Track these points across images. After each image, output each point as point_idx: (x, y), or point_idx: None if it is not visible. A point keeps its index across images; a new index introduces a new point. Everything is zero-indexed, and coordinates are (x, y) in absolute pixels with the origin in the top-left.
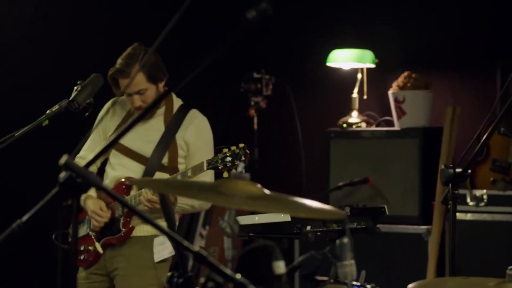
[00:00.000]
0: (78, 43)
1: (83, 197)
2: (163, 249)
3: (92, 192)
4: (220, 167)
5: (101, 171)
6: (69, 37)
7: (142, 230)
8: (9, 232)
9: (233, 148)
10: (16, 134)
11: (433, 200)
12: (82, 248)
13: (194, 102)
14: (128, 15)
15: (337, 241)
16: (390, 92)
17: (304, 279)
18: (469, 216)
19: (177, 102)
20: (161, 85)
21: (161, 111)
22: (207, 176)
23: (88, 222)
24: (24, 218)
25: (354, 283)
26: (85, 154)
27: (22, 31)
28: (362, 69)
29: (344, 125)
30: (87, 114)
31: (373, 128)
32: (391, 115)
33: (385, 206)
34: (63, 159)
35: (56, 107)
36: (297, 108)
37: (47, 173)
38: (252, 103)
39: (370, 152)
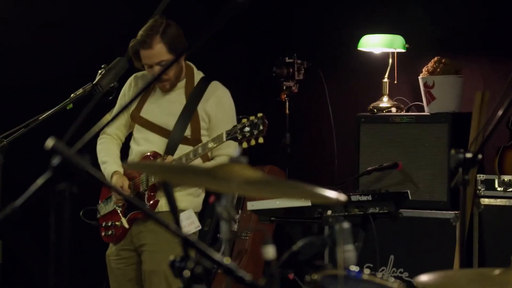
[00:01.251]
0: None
1: (110, 172)
2: (189, 223)
3: (119, 167)
4: (239, 137)
5: (127, 147)
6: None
7: (166, 204)
8: (3, 216)
9: (252, 118)
10: (40, 117)
11: None
12: (109, 224)
13: (227, 86)
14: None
15: (337, 226)
16: (419, 77)
17: (303, 265)
18: (497, 202)
19: (198, 75)
20: (182, 57)
21: (181, 83)
22: (230, 148)
23: (113, 200)
24: (18, 202)
25: (353, 268)
26: (110, 129)
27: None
28: (393, 54)
29: (374, 110)
30: (110, 98)
31: (403, 113)
32: (421, 100)
33: (408, 191)
34: (50, 142)
35: (80, 91)
36: (328, 93)
37: None
38: (284, 87)
39: (400, 137)
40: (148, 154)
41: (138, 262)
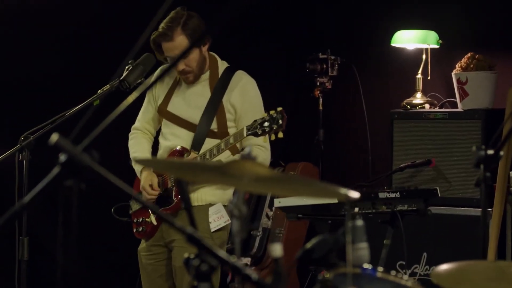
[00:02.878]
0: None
1: (139, 169)
2: (219, 218)
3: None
4: (259, 132)
5: (157, 142)
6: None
7: (196, 199)
8: (12, 213)
9: (272, 112)
10: (66, 114)
11: (495, 183)
12: (140, 220)
13: (257, 83)
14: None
15: (350, 224)
16: (453, 73)
17: (316, 263)
18: None
19: (222, 65)
20: (205, 48)
21: (206, 76)
22: (259, 139)
23: None
24: (27, 198)
25: (367, 266)
26: (140, 124)
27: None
28: (426, 50)
29: (408, 107)
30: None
31: (436, 109)
32: (455, 97)
33: (437, 188)
34: (54, 137)
35: (107, 87)
36: (362, 89)
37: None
38: (318, 83)
39: (433, 134)
40: (177, 149)
41: (169, 258)
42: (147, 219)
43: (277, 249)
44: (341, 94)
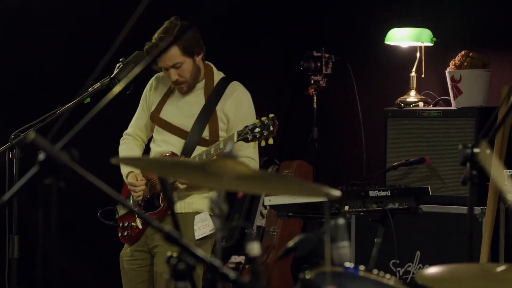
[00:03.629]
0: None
1: (125, 172)
2: (204, 226)
3: (135, 168)
4: (249, 138)
5: (148, 149)
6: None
7: (182, 206)
8: None
9: (263, 118)
10: (57, 112)
11: (488, 181)
12: (126, 224)
13: (253, 81)
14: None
15: (332, 222)
16: (446, 71)
17: (299, 261)
18: None
19: (218, 75)
20: (198, 58)
21: (201, 84)
22: (249, 150)
23: (132, 198)
24: (6, 197)
25: (348, 265)
26: (132, 130)
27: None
28: (420, 48)
29: (402, 105)
30: (128, 92)
31: (430, 107)
32: (449, 95)
33: (429, 187)
34: (31, 136)
35: (97, 85)
36: (356, 87)
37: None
38: (312, 82)
39: (427, 132)
40: (167, 154)
41: (151, 264)
42: (132, 223)
43: (254, 248)
44: (336, 92)
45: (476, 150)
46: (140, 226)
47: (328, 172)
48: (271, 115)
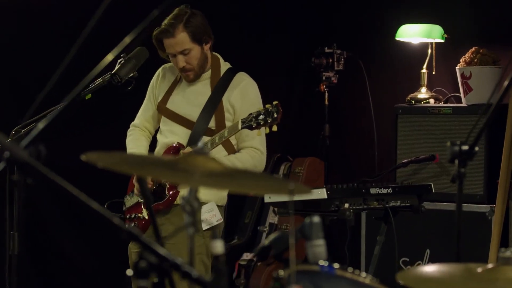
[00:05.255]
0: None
1: None
2: (211, 216)
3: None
4: (254, 126)
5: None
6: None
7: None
8: None
9: (268, 106)
10: (58, 108)
11: (498, 179)
12: (133, 216)
13: (265, 78)
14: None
15: (307, 220)
16: (457, 68)
17: (275, 259)
18: None
19: (224, 66)
20: (206, 47)
21: (207, 74)
22: (255, 141)
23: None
24: None
25: (323, 263)
26: (139, 121)
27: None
28: (431, 44)
29: (412, 101)
30: (129, 88)
31: (441, 104)
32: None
33: (431, 184)
34: None
35: (99, 81)
36: (368, 84)
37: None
38: (324, 78)
39: (437, 129)
40: (174, 145)
41: None
42: (139, 215)
43: (218, 246)
44: (347, 88)
45: (464, 147)
46: (147, 217)
47: (339, 168)
48: (275, 102)
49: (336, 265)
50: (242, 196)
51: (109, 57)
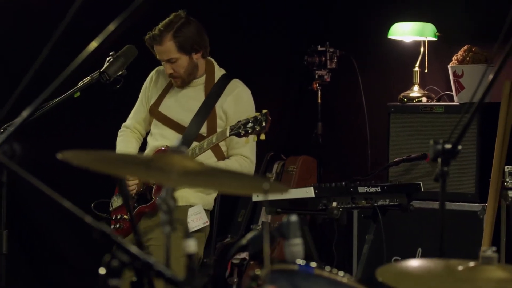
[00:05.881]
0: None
1: None
2: (198, 218)
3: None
4: (242, 133)
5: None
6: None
7: (177, 199)
8: None
9: (257, 114)
10: (46, 106)
11: (490, 177)
12: (118, 217)
13: (258, 76)
14: None
15: (284, 219)
16: (449, 66)
17: (252, 258)
18: None
19: (219, 72)
20: (196, 56)
21: (201, 80)
22: (245, 148)
23: None
24: None
25: (301, 262)
26: (130, 123)
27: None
28: (424, 43)
29: (404, 100)
30: (118, 86)
31: (433, 102)
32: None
33: (421, 183)
34: None
35: (87, 79)
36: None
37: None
38: (316, 76)
39: (430, 127)
40: (162, 148)
41: None
42: (125, 216)
43: (190, 245)
44: (340, 87)
45: (447, 146)
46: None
47: (332, 167)
48: (264, 111)
49: (313, 264)
50: (235, 195)
51: (94, 44)
